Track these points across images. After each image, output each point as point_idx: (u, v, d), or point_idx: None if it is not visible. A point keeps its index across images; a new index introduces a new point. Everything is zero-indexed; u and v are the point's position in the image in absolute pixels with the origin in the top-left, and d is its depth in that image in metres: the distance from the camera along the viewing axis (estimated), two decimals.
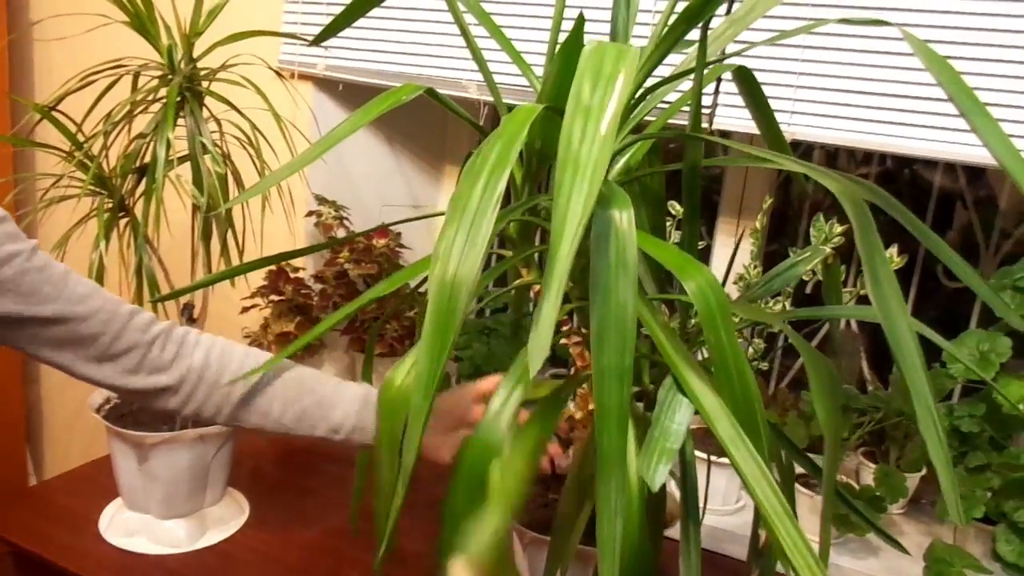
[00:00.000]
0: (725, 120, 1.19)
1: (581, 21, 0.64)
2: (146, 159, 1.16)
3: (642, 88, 0.74)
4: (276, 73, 1.32)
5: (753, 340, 1.25)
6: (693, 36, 0.70)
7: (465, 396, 0.92)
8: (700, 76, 0.69)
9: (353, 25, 0.91)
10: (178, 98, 1.13)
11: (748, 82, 0.75)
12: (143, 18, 1.17)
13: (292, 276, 1.47)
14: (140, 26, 1.17)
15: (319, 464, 1.43)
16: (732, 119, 1.18)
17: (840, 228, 1.07)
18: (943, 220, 1.43)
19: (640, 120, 0.76)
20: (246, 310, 1.45)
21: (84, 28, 1.54)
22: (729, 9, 1.15)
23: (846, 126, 1.12)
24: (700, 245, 0.99)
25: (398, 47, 1.43)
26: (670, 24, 0.66)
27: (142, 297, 1.16)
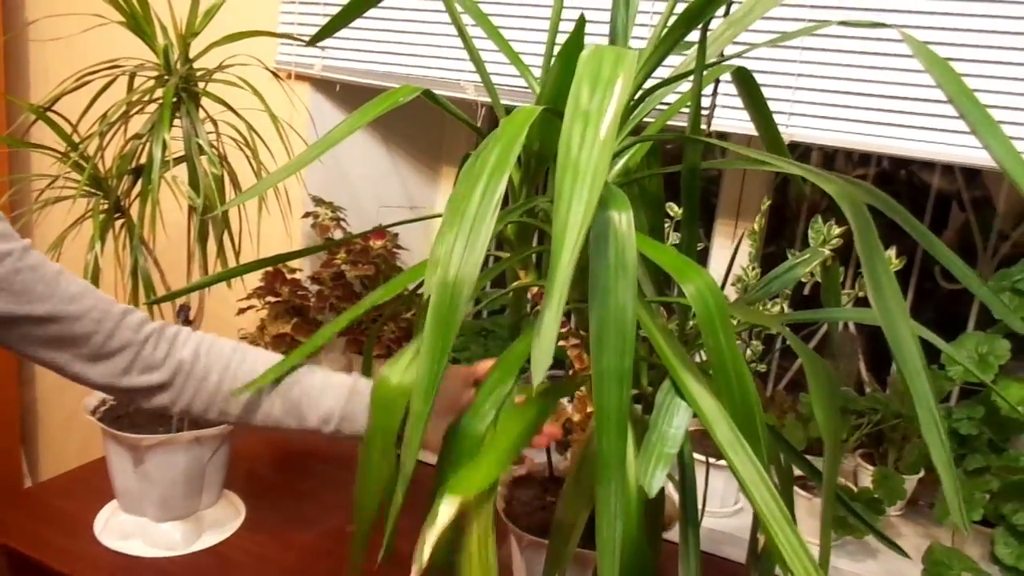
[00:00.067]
0: (724, 121, 1.19)
1: (582, 22, 0.63)
2: (142, 160, 1.15)
3: (641, 90, 0.74)
4: (273, 74, 1.32)
5: (751, 342, 1.25)
6: (692, 37, 0.70)
7: (456, 380, 0.92)
8: (699, 78, 0.69)
9: (350, 25, 0.91)
10: (174, 99, 1.13)
11: (747, 83, 0.75)
12: (139, 18, 1.16)
13: (289, 277, 1.46)
14: (136, 26, 1.17)
15: (315, 466, 1.43)
16: (731, 120, 1.18)
17: (839, 230, 1.07)
18: (939, 221, 1.43)
19: (639, 122, 0.76)
20: (243, 311, 1.45)
21: (80, 28, 1.53)
22: (728, 10, 1.15)
23: (844, 127, 1.12)
24: (698, 247, 0.99)
25: (395, 47, 1.43)
26: (669, 25, 0.66)
27: (138, 299, 1.15)
